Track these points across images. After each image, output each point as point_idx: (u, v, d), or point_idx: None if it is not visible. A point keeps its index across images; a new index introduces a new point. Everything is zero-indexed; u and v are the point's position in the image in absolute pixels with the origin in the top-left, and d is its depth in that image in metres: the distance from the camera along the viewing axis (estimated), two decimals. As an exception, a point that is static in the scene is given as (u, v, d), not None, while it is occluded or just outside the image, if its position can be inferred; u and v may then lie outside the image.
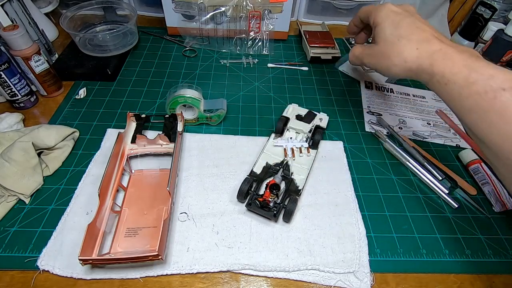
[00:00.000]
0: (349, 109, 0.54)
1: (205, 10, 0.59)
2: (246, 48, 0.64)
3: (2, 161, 0.38)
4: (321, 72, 0.61)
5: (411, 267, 0.36)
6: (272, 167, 0.43)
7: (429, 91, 0.59)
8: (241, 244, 0.36)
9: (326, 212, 0.39)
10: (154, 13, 0.72)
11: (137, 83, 0.56)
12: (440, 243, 0.38)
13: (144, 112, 0.50)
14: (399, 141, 0.48)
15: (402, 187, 0.43)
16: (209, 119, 0.48)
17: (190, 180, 0.42)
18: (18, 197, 0.38)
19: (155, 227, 0.37)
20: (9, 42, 0.44)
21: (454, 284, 0.35)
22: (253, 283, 0.34)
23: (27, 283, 0.32)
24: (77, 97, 0.52)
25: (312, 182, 0.42)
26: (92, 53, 0.57)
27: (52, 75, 0.50)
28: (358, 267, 0.35)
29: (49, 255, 0.34)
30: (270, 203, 0.37)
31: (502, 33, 0.56)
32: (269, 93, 0.56)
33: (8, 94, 0.47)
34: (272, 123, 0.51)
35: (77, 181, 0.40)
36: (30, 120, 0.48)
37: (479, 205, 0.42)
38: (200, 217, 0.38)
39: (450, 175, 0.45)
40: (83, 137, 0.46)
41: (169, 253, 0.35)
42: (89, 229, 0.32)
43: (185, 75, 0.58)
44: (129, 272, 0.33)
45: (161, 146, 0.44)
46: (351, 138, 0.49)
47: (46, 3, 0.66)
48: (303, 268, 0.34)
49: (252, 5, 0.59)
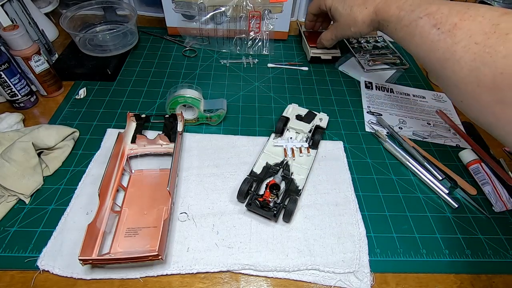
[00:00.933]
0: (349, 109, 0.54)
1: (205, 10, 0.59)
2: (246, 48, 0.64)
3: (2, 161, 0.38)
4: (321, 72, 0.61)
5: (411, 267, 0.36)
6: (272, 167, 0.43)
7: (429, 91, 0.59)
8: (241, 244, 0.36)
9: (326, 212, 0.39)
10: (154, 13, 0.72)
11: (137, 83, 0.56)
12: (440, 243, 0.38)
13: (144, 112, 0.50)
14: (399, 141, 0.48)
15: (402, 187, 0.43)
16: (209, 119, 0.48)
17: (190, 180, 0.42)
18: (18, 197, 0.38)
19: (155, 227, 0.37)
20: (9, 42, 0.44)
21: (454, 284, 0.35)
22: (253, 283, 0.34)
23: (27, 283, 0.32)
24: (77, 97, 0.52)
25: (312, 182, 0.42)
26: (92, 53, 0.57)
27: (52, 75, 0.50)
28: (358, 267, 0.35)
29: (49, 255, 0.34)
30: (270, 203, 0.37)
31: (502, 33, 0.56)
32: (269, 93, 0.56)
33: (8, 94, 0.47)
34: (272, 123, 0.51)
35: (77, 181, 0.40)
36: (30, 120, 0.48)
37: (479, 205, 0.42)
38: (200, 217, 0.38)
39: (450, 175, 0.45)
40: (83, 137, 0.46)
41: (169, 253, 0.35)
42: (89, 229, 0.32)
43: (185, 75, 0.58)
44: (129, 272, 0.33)
45: (161, 146, 0.44)
46: (351, 138, 0.49)
47: (46, 3, 0.66)
48: (303, 268, 0.34)
49: (252, 5, 0.59)
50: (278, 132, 0.47)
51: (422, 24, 0.37)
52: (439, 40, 0.35)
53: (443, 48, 0.34)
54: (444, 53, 0.34)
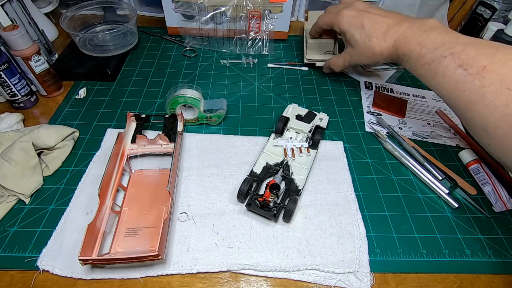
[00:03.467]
0: (349, 109, 0.54)
1: (205, 10, 0.59)
2: (246, 48, 0.64)
3: (2, 161, 0.38)
4: (321, 72, 0.61)
5: (411, 267, 0.36)
6: (272, 167, 0.43)
7: (429, 91, 0.58)
8: (241, 244, 0.36)
9: (326, 212, 0.39)
10: (154, 13, 0.72)
11: (137, 83, 0.56)
12: (440, 243, 0.38)
13: (144, 112, 0.50)
14: (399, 141, 0.48)
15: (402, 187, 0.43)
16: (209, 119, 0.48)
17: (190, 180, 0.42)
18: (18, 197, 0.38)
19: (155, 227, 0.37)
20: (9, 42, 0.44)
21: (454, 284, 0.35)
22: (253, 283, 0.34)
23: (27, 283, 0.32)
24: (77, 97, 0.52)
25: (312, 182, 0.42)
26: (92, 53, 0.57)
27: (52, 75, 0.50)
28: (358, 267, 0.35)
29: (49, 255, 0.34)
30: (270, 203, 0.37)
31: (502, 33, 0.56)
32: (269, 93, 0.56)
33: (8, 94, 0.47)
34: (272, 123, 0.51)
35: (77, 181, 0.40)
36: (30, 120, 0.48)
37: (479, 205, 0.41)
38: (200, 217, 0.38)
39: (450, 175, 0.45)
40: (83, 137, 0.46)
41: (169, 253, 0.35)
42: (89, 229, 0.32)
43: (185, 75, 0.58)
44: (129, 272, 0.33)
45: (161, 146, 0.44)
46: (351, 138, 0.49)
47: (46, 3, 0.66)
48: (303, 268, 0.34)
49: (252, 5, 0.59)
50: (278, 132, 0.47)
51: (446, 63, 0.35)
52: (466, 81, 0.33)
53: (470, 89, 0.33)
54: (471, 95, 0.33)
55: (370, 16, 0.45)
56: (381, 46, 0.44)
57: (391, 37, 0.43)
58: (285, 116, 0.48)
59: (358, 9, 0.47)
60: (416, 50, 0.39)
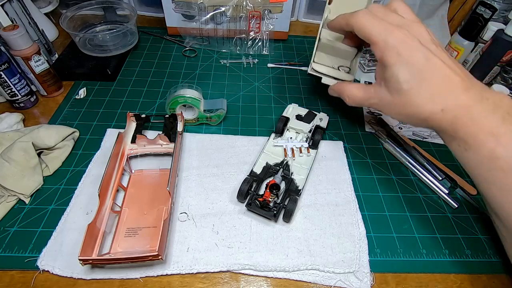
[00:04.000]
0: (349, 109, 0.54)
1: (205, 10, 0.59)
2: (246, 48, 0.64)
3: (2, 161, 0.38)
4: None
5: (411, 267, 0.36)
6: (272, 167, 0.43)
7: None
8: (241, 244, 0.36)
9: (326, 212, 0.39)
10: (154, 13, 0.72)
11: (137, 83, 0.56)
12: (440, 243, 0.38)
13: (144, 112, 0.50)
14: (399, 141, 0.48)
15: (402, 187, 0.43)
16: (209, 119, 0.48)
17: (190, 180, 0.42)
18: (18, 197, 0.38)
19: (155, 227, 0.37)
20: (9, 42, 0.44)
21: (454, 284, 0.35)
22: (253, 283, 0.34)
23: (27, 283, 0.32)
24: (77, 97, 0.52)
25: (312, 182, 0.42)
26: (92, 53, 0.57)
27: (52, 75, 0.50)
28: (358, 267, 0.35)
29: (49, 255, 0.34)
30: (270, 203, 0.37)
31: (502, 33, 0.56)
32: (269, 93, 0.56)
33: (8, 94, 0.47)
34: (272, 123, 0.51)
35: (77, 181, 0.40)
36: (30, 120, 0.48)
37: (479, 205, 0.41)
38: (200, 217, 0.38)
39: (450, 175, 0.45)
40: (83, 137, 0.46)
41: (169, 253, 0.35)
42: (89, 229, 0.32)
43: (185, 75, 0.58)
44: (129, 272, 0.33)
45: (161, 146, 0.44)
46: (351, 138, 0.49)
47: (46, 3, 0.66)
48: (303, 268, 0.34)
49: (252, 5, 0.59)
50: (278, 132, 0.47)
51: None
52: None
53: None
54: None
55: (435, 61, 0.29)
56: (433, 112, 0.29)
57: (452, 109, 0.28)
58: (285, 116, 0.48)
59: (416, 36, 0.30)
60: (488, 144, 0.27)
